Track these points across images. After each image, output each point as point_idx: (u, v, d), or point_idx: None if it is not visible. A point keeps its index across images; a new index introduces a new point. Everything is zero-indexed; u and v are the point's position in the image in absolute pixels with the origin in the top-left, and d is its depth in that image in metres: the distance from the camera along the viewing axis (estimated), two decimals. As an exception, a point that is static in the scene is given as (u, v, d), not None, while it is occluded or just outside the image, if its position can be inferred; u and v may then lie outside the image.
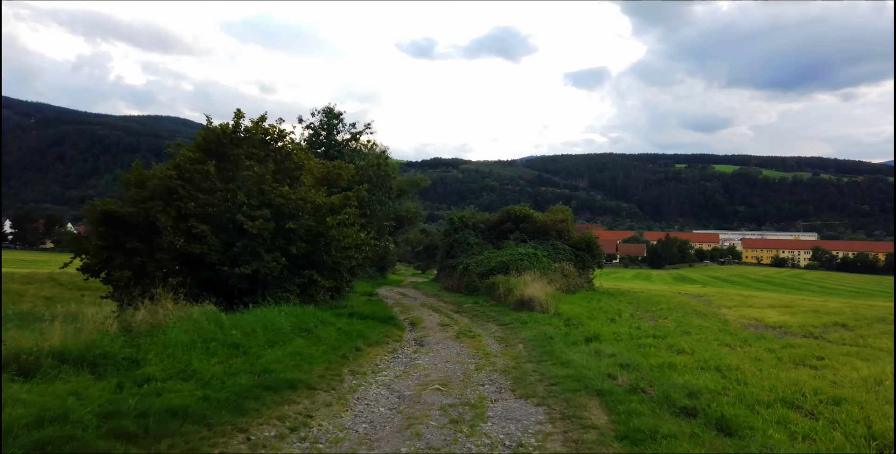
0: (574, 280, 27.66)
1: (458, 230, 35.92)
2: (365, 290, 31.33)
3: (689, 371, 8.74)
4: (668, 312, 20.07)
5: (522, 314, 17.68)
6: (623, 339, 12.26)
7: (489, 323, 16.86)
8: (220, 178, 15.79)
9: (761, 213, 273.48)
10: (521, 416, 6.78)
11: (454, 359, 10.71)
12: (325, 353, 9.64)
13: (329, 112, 25.60)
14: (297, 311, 13.00)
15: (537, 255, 28.26)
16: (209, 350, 8.35)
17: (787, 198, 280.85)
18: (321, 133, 25.64)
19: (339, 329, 12.74)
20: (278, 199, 15.49)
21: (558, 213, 36.20)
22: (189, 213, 14.91)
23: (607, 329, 13.72)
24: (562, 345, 11.47)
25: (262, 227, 14.90)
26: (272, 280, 15.56)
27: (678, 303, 24.11)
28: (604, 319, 16.13)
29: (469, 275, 29.03)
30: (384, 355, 11.04)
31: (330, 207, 16.50)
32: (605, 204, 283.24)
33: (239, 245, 14.93)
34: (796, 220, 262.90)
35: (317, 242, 16.27)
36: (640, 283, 57.31)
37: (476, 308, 21.48)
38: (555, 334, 12.90)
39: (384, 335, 13.41)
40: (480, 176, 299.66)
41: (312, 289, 16.60)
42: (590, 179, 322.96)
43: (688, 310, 21.26)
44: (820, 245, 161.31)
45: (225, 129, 16.25)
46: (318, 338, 11.20)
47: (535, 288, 20.08)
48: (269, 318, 11.22)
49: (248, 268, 14.83)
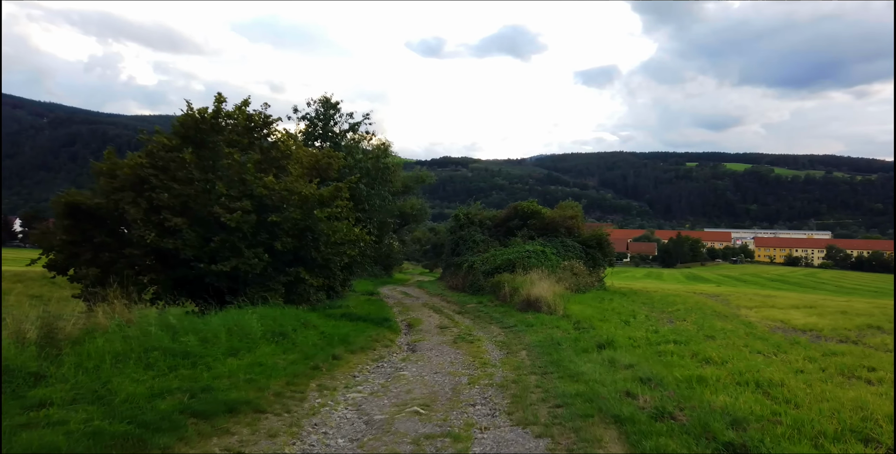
0: (584, 279, 26.18)
1: (464, 227, 34.44)
2: (366, 290, 30.07)
3: (723, 387, 7.27)
4: (685, 313, 18.61)
5: (528, 315, 16.29)
6: (640, 345, 10.82)
7: (492, 325, 15.47)
8: (197, 167, 14.47)
9: (773, 211, 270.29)
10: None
11: (446, 369, 9.32)
12: (292, 364, 8.26)
13: (325, 102, 24.15)
14: (275, 313, 11.66)
15: (545, 253, 26.82)
16: (147, 362, 7.01)
17: (800, 196, 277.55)
18: (318, 124, 24.25)
19: (321, 333, 11.39)
20: (260, 189, 14.16)
21: (568, 209, 34.69)
22: (162, 205, 13.61)
23: (622, 333, 12.26)
24: (571, 352, 10.04)
25: (242, 220, 13.59)
26: (254, 278, 14.26)
27: (695, 304, 22.61)
28: (617, 322, 14.68)
29: (474, 273, 27.65)
30: (366, 364, 9.66)
31: (319, 199, 15.16)
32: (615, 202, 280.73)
33: (216, 239, 13.61)
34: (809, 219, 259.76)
35: (304, 237, 14.95)
36: (652, 282, 55.68)
37: (479, 308, 20.11)
38: (563, 339, 11.49)
39: (373, 339, 12.05)
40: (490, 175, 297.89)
41: (300, 287, 15.27)
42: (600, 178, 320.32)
43: (706, 311, 19.78)
44: (834, 244, 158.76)
45: (204, 115, 14.91)
46: (292, 344, 9.86)
47: (543, 287, 18.67)
48: (239, 321, 9.88)
49: (227, 264, 13.53)
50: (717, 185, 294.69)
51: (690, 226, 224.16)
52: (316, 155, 16.46)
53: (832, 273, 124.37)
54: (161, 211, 13.57)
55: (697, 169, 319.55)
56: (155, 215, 13.61)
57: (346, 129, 24.27)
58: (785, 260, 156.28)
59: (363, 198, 22.26)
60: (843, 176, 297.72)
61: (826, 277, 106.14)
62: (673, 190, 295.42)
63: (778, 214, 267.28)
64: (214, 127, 15.15)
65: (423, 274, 63.93)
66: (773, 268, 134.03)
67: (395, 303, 23.99)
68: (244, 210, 13.70)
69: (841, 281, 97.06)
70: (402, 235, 54.57)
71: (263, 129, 16.26)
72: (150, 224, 13.46)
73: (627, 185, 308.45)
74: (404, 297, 27.88)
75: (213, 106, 15.36)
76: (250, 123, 15.95)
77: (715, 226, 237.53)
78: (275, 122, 16.43)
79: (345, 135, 24.25)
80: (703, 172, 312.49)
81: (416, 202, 47.61)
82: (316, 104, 24.29)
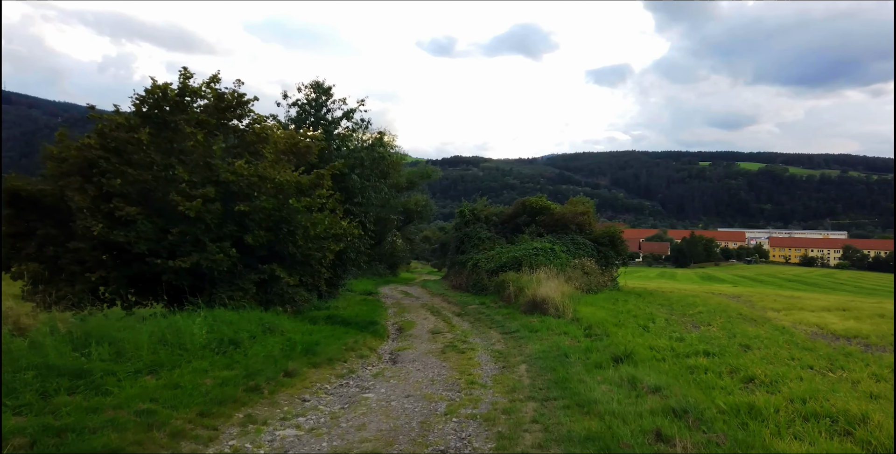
0: (596, 278, 24.29)
1: (469, 224, 32.60)
2: (365, 289, 28.41)
3: (787, 423, 5.40)
4: (709, 317, 16.74)
5: (533, 319, 14.47)
6: (665, 358, 8.98)
7: (491, 330, 13.66)
8: (157, 150, 12.72)
9: (788, 211, 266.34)
10: None
11: (423, 389, 7.50)
12: (222, 385, 6.47)
13: (317, 86, 22.35)
14: (231, 317, 9.92)
15: (554, 250, 24.95)
16: (14, 386, 5.22)
17: (815, 195, 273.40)
18: (309, 111, 22.43)
19: (287, 340, 9.63)
20: (226, 174, 12.41)
21: (579, 205, 32.80)
22: (114, 192, 11.86)
23: (641, 341, 10.40)
24: (580, 368, 8.19)
25: (203, 210, 11.85)
26: (222, 276, 12.52)
27: (717, 306, 20.69)
28: (634, 327, 12.82)
29: (477, 272, 25.86)
30: (327, 382, 7.84)
31: (296, 187, 13.40)
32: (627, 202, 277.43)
33: (174, 232, 11.86)
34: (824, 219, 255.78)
35: (279, 230, 13.18)
36: (666, 282, 53.56)
37: (481, 310, 18.32)
38: (571, 349, 9.63)
39: (348, 348, 10.25)
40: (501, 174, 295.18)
41: (276, 287, 13.49)
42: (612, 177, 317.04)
43: (731, 314, 17.89)
44: (851, 244, 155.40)
45: (165, 90, 13.15)
46: (243, 356, 8.13)
47: (550, 287, 16.84)
48: (177, 328, 8.13)
49: (187, 260, 11.77)
50: (730, 184, 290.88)
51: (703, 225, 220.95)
52: (293, 136, 14.66)
53: (849, 273, 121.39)
54: (112, 199, 11.83)
55: (711, 168, 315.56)
56: (105, 204, 11.87)
57: (339, 117, 22.41)
58: (800, 260, 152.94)
59: (356, 190, 20.51)
60: (859, 175, 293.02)
61: (844, 278, 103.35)
62: (686, 189, 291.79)
63: (792, 214, 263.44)
64: (179, 105, 13.41)
65: (432, 273, 62.02)
66: (788, 269, 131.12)
67: (392, 304, 22.27)
68: (206, 198, 11.96)
69: (859, 281, 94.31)
70: (408, 233, 52.81)
71: (237, 110, 14.48)
72: (99, 213, 11.74)
73: (640, 184, 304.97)
74: (404, 297, 26.15)
75: (179, 82, 13.62)
76: (221, 103, 14.19)
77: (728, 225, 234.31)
78: (250, 103, 14.64)
79: (338, 123, 22.39)
80: (717, 172, 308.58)
81: (420, 198, 45.71)
82: (307, 89, 22.47)
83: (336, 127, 22.30)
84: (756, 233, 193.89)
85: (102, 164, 11.96)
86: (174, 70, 18.64)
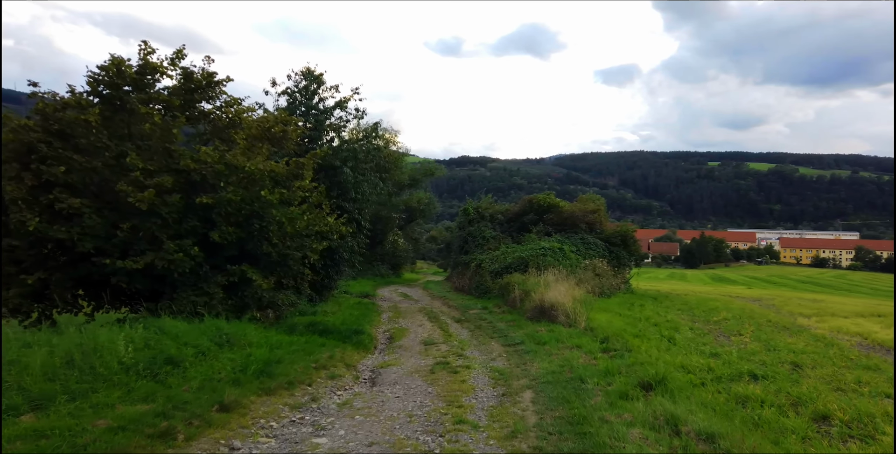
0: (608, 280, 22.54)
1: (473, 222, 30.82)
2: (362, 291, 26.80)
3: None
4: (737, 324, 15.02)
5: (541, 327, 12.78)
6: (705, 382, 7.25)
7: (492, 341, 11.95)
8: (111, 134, 11.08)
9: (798, 211, 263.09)
10: None
11: (396, 431, 5.73)
12: (114, 432, 4.77)
13: (308, 73, 20.66)
14: (181, 328, 8.30)
15: (563, 250, 23.20)
16: None
17: (825, 196, 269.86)
18: (300, 100, 20.73)
19: (246, 356, 7.98)
20: (186, 161, 10.77)
21: (589, 203, 31.07)
22: (55, 181, 10.23)
23: (670, 359, 8.65)
24: (601, 399, 6.46)
25: (158, 202, 10.24)
26: (184, 278, 10.87)
27: (741, 311, 18.93)
28: (658, 339, 11.08)
29: (481, 273, 24.14)
30: (274, 418, 6.08)
31: (270, 177, 11.74)
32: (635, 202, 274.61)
33: (124, 227, 10.24)
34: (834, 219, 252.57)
35: (250, 226, 11.52)
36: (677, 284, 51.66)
37: (483, 315, 16.64)
38: (587, 371, 7.89)
39: (319, 365, 8.56)
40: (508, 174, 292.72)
41: (247, 290, 11.80)
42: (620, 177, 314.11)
43: (760, 321, 16.16)
44: (863, 244, 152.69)
45: (121, 66, 11.50)
46: (179, 380, 6.46)
47: (559, 290, 15.13)
48: (96, 345, 6.46)
49: (139, 261, 10.14)
50: (739, 184, 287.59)
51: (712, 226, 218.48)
52: (266, 120, 12.96)
53: (862, 275, 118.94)
54: (53, 189, 10.20)
55: (720, 168, 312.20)
56: (44, 194, 10.23)
57: (331, 107, 20.67)
58: (812, 261, 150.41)
59: (349, 185, 18.85)
60: (870, 176, 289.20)
61: (857, 279, 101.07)
62: (694, 190, 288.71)
63: (802, 215, 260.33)
64: (138, 84, 11.76)
65: (437, 273, 60.21)
66: (800, 270, 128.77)
67: (388, 308, 20.60)
68: (162, 188, 10.32)
69: (874, 283, 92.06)
70: (412, 232, 51.12)
71: (207, 91, 12.82)
72: (37, 205, 10.11)
73: (648, 184, 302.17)
74: (402, 300, 24.48)
75: (139, 58, 11.98)
76: (190, 83, 12.54)
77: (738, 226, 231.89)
78: (223, 83, 12.98)
79: (331, 112, 20.66)
80: (726, 172, 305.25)
81: (423, 196, 43.92)
82: (297, 76, 20.78)
83: (328, 117, 20.58)
84: (766, 234, 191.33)
85: (43, 150, 10.33)
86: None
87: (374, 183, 20.77)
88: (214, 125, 13.20)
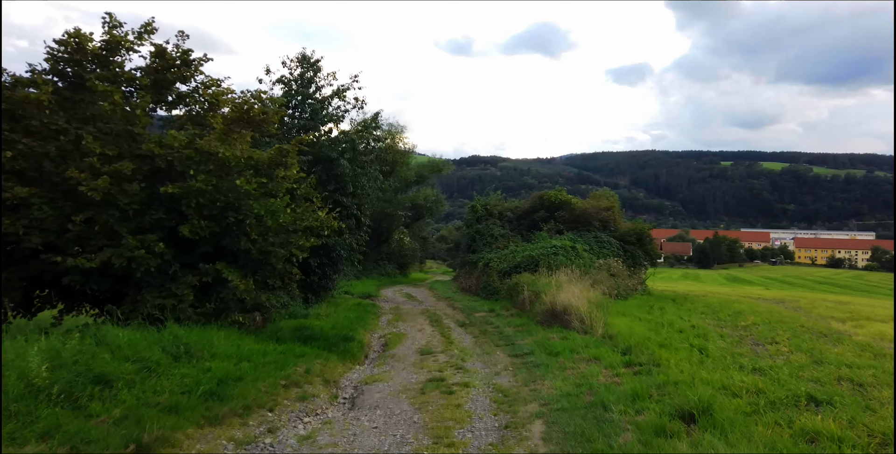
0: (624, 281, 21.11)
1: (481, 220, 29.40)
2: (364, 292, 25.56)
3: None
4: (769, 330, 13.57)
5: (552, 334, 11.42)
6: (759, 409, 5.83)
7: (497, 350, 10.60)
8: (70, 117, 9.82)
9: (812, 211, 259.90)
10: None
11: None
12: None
13: (303, 59, 19.36)
14: (128, 337, 7.01)
15: (576, 249, 21.81)
16: None
17: (840, 196, 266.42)
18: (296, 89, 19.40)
19: (203, 372, 6.69)
20: (149, 146, 9.48)
21: (602, 200, 29.55)
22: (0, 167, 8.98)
23: (707, 376, 7.23)
24: (633, 436, 5.06)
25: (116, 191, 8.98)
26: (149, 278, 9.58)
27: (769, 314, 17.42)
28: (687, 350, 9.65)
29: (488, 273, 22.77)
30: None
31: (249, 165, 10.44)
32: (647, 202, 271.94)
33: (77, 220, 8.98)
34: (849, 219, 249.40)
35: (225, 219, 10.20)
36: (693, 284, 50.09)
37: (489, 319, 15.32)
38: (611, 394, 6.49)
39: (291, 383, 7.25)
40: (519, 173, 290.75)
41: (223, 292, 10.49)
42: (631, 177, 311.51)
43: (792, 326, 14.68)
44: (879, 245, 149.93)
45: (81, 40, 10.24)
46: (112, 404, 5.17)
47: (573, 292, 13.76)
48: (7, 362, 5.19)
49: (95, 258, 8.87)
50: (752, 184, 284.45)
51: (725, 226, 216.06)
52: (245, 102, 11.64)
53: (879, 275, 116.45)
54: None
55: (732, 168, 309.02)
56: (-14, 182, 8.99)
57: (329, 96, 19.36)
58: (827, 261, 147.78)
59: (348, 178, 17.54)
60: (886, 175, 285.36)
61: (875, 280, 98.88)
62: (707, 189, 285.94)
63: (817, 214, 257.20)
64: (101, 61, 10.49)
65: (447, 273, 58.77)
66: (816, 270, 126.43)
67: (389, 309, 19.31)
68: (120, 176, 9.04)
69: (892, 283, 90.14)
70: (420, 231, 49.76)
71: (182, 71, 11.52)
72: (-24, 195, 8.86)
73: (659, 184, 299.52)
74: (405, 301, 23.19)
75: (104, 32, 10.71)
76: (163, 62, 11.25)
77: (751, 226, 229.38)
78: (199, 63, 11.68)
79: (329, 101, 19.35)
80: (739, 171, 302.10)
81: (430, 193, 42.45)
82: (292, 63, 19.49)
83: (326, 107, 19.26)
84: (781, 234, 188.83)
85: (-14, 132, 9.09)
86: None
87: (373, 176, 19.45)
88: (192, 109, 11.93)
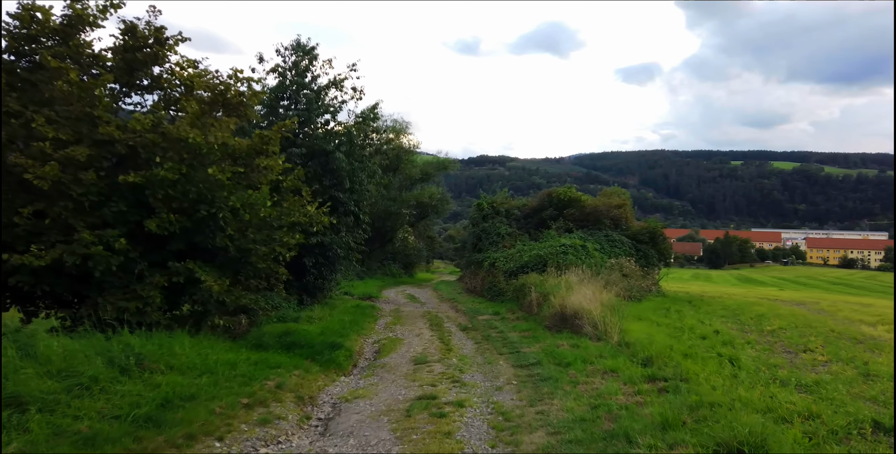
0: (637, 282, 19.94)
1: (487, 218, 28.26)
2: (365, 292, 24.50)
3: None
4: (799, 336, 12.45)
5: (562, 340, 10.32)
6: (820, 441, 4.72)
7: (501, 359, 9.49)
8: (26, 99, 8.80)
9: (823, 211, 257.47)
10: None
11: None
12: None
13: (298, 47, 18.30)
14: (67, 347, 6.00)
15: (586, 248, 20.69)
16: None
17: (852, 196, 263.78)
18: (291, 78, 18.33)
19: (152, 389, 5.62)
20: (107, 129, 8.42)
21: (614, 197, 28.43)
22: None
23: (746, 395, 6.11)
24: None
25: (68, 180, 7.93)
26: (112, 278, 8.53)
27: (793, 318, 16.31)
28: (716, 360, 8.50)
29: (494, 273, 21.65)
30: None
31: (224, 152, 9.39)
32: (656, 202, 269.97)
33: (24, 212, 7.94)
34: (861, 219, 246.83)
35: (197, 213, 9.12)
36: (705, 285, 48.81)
37: (493, 323, 14.24)
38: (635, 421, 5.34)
39: (256, 401, 6.17)
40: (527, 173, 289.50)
41: (195, 293, 9.40)
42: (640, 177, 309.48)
43: (822, 331, 13.59)
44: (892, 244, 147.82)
45: (36, 14, 9.20)
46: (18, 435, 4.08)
47: (584, 294, 12.66)
48: None
49: (45, 256, 7.82)
50: (763, 184, 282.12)
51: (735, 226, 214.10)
52: (223, 82, 10.56)
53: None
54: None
55: (742, 168, 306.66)
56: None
57: (325, 86, 18.29)
58: (840, 262, 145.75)
59: (344, 173, 16.49)
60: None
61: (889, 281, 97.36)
62: (717, 189, 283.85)
63: (828, 214, 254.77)
64: (63, 38, 9.45)
65: (454, 273, 57.62)
66: (828, 271, 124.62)
67: (389, 312, 18.25)
68: (72, 162, 7.99)
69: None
70: (426, 230, 48.69)
71: (154, 50, 10.45)
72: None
73: (669, 183, 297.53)
74: (407, 303, 22.13)
75: (66, 6, 9.66)
76: (133, 40, 10.19)
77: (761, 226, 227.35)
78: (175, 42, 10.61)
79: (325, 92, 18.27)
80: (749, 171, 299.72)
81: (435, 191, 41.28)
82: (287, 52, 18.42)
83: (322, 97, 18.18)
84: (792, 234, 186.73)
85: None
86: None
87: (372, 171, 18.37)
88: (167, 93, 10.87)
